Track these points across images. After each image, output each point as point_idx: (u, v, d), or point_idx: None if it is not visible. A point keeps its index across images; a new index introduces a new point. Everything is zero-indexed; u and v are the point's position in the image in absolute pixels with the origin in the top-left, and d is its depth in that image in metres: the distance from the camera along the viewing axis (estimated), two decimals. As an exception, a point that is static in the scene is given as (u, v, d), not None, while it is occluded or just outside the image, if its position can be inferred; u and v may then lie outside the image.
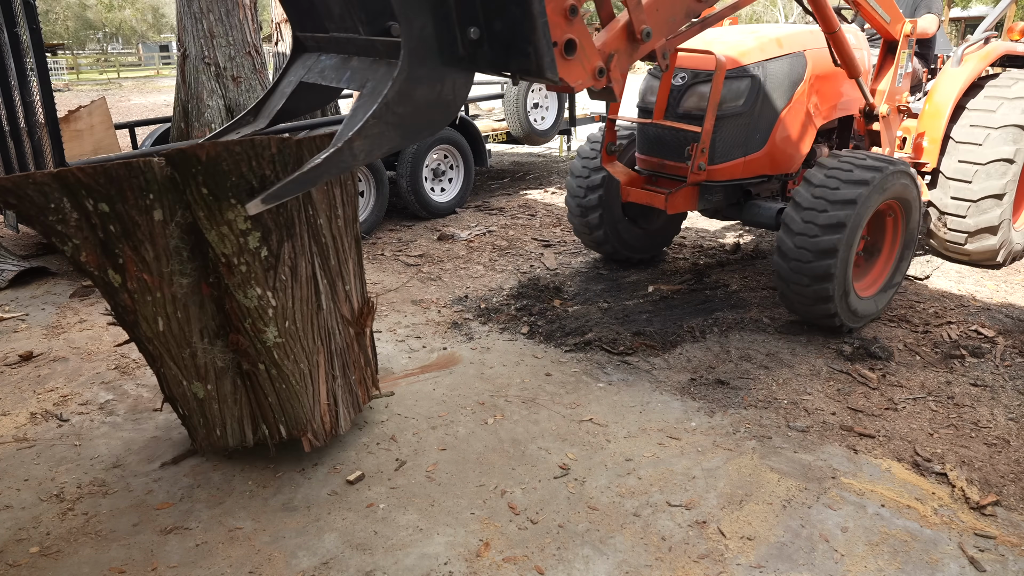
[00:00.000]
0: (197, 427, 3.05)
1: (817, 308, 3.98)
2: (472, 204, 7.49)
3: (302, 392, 2.91)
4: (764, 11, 43.81)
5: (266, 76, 7.05)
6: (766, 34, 4.41)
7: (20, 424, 3.44)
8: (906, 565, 2.46)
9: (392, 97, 2.16)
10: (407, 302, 4.86)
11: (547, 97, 8.28)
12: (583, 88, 2.48)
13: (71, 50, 50.70)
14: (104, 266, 2.63)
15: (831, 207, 3.82)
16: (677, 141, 4.33)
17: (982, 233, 5.05)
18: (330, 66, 2.72)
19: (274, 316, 2.72)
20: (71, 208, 2.52)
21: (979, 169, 4.91)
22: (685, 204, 4.47)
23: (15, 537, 2.66)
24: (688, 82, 4.31)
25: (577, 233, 5.34)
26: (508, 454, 3.12)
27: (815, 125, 4.52)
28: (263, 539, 2.63)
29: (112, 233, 2.56)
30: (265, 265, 2.64)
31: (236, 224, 2.54)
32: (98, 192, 2.49)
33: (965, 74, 5.11)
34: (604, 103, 3.62)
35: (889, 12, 4.53)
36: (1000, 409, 3.42)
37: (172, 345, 2.80)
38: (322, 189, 2.83)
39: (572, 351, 4.07)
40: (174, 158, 2.46)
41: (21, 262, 5.50)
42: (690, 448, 3.14)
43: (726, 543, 2.57)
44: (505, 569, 2.47)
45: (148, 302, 2.70)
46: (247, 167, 2.45)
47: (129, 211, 2.54)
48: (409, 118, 2.23)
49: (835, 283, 3.86)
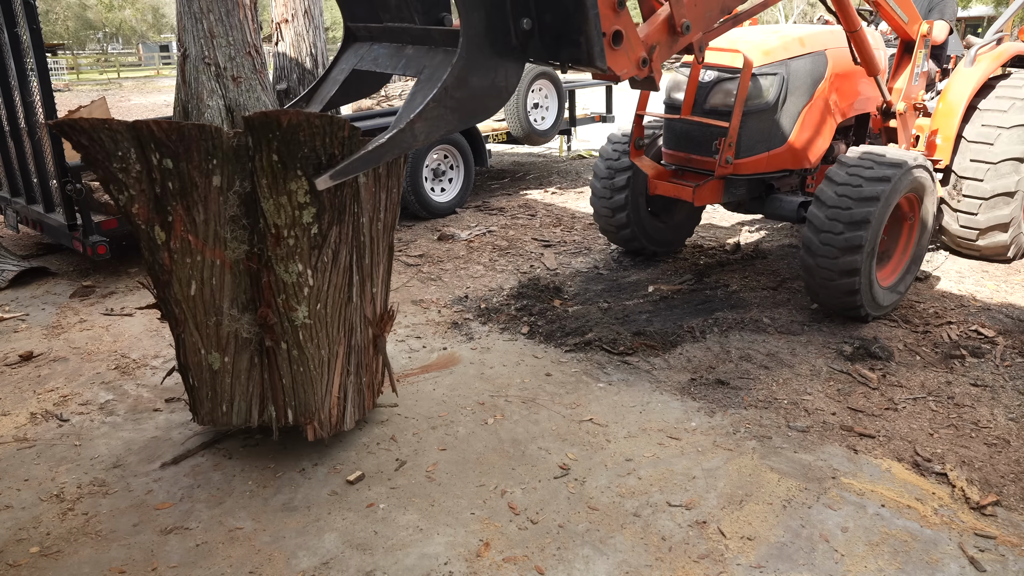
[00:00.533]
0: (203, 399, 3.02)
1: (844, 300, 4.17)
2: (472, 204, 7.48)
3: (317, 379, 2.93)
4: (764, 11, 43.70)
5: (266, 76, 7.05)
6: (789, 33, 4.59)
7: (20, 424, 3.44)
8: (906, 565, 2.46)
9: (451, 82, 2.31)
10: (407, 302, 4.86)
11: (547, 97, 8.28)
12: (628, 77, 2.65)
13: (71, 50, 50.70)
14: (152, 221, 2.70)
15: (855, 204, 3.97)
16: (704, 136, 4.51)
17: (993, 230, 5.14)
18: (384, 54, 2.86)
19: (308, 296, 2.77)
20: (136, 159, 2.59)
21: (991, 168, 5.01)
22: (711, 197, 4.64)
23: (15, 537, 2.66)
24: (715, 79, 4.47)
25: (604, 231, 5.53)
26: (508, 454, 3.12)
27: (835, 122, 4.69)
28: (263, 539, 2.63)
29: (169, 190, 2.63)
30: (313, 243, 2.69)
31: (297, 196, 2.58)
32: (167, 148, 2.56)
33: (978, 74, 5.21)
34: (639, 91, 3.87)
35: (907, 13, 4.65)
36: (1000, 409, 3.42)
37: (200, 311, 2.83)
38: (370, 189, 2.88)
39: (572, 351, 4.07)
40: (253, 121, 2.50)
41: (21, 262, 5.50)
42: (690, 448, 3.14)
43: (726, 543, 2.57)
44: (505, 569, 2.47)
45: (187, 264, 2.75)
46: (321, 142, 2.48)
47: (191, 171, 2.60)
48: (466, 102, 2.38)
49: (861, 277, 4.03)
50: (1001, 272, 5.23)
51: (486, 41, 2.35)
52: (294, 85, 8.42)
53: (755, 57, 4.33)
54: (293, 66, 8.40)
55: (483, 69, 2.38)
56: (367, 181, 2.85)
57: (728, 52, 4.39)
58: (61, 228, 5.10)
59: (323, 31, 8.65)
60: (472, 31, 2.31)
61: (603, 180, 5.26)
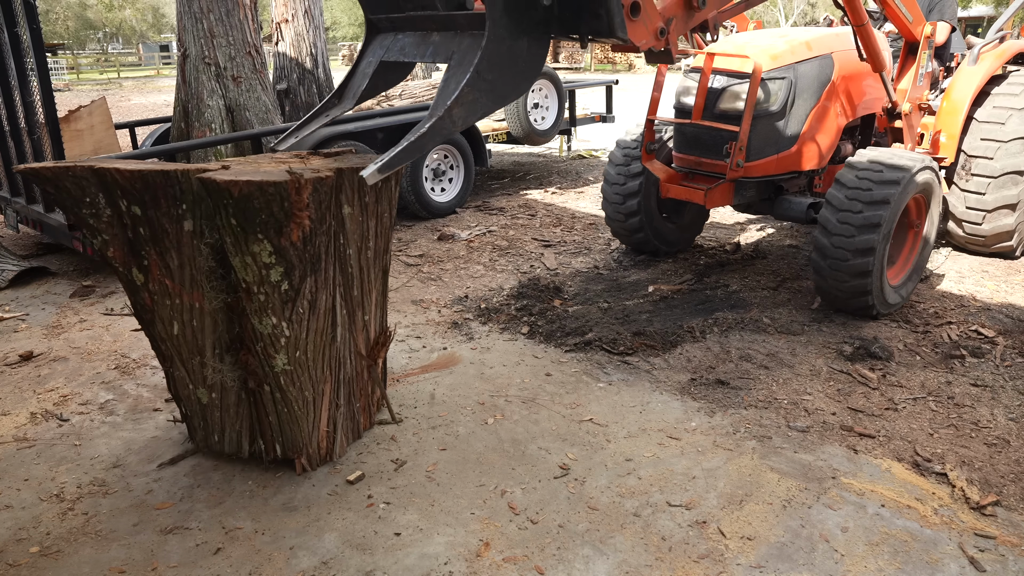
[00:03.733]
0: (197, 428, 3.07)
1: (856, 301, 4.23)
2: (472, 204, 7.48)
3: (303, 418, 2.88)
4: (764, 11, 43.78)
5: (266, 76, 7.05)
6: (796, 37, 4.65)
7: (20, 424, 3.44)
8: (906, 565, 2.46)
9: (482, 66, 2.34)
10: (407, 302, 4.86)
11: (547, 97, 8.28)
12: (647, 48, 2.72)
13: (71, 50, 50.70)
14: (129, 264, 2.65)
15: (866, 208, 4.03)
16: (714, 140, 4.57)
17: (1000, 210, 5.16)
18: (410, 43, 2.86)
19: (286, 345, 2.70)
20: (105, 204, 2.54)
21: (1001, 147, 5.06)
22: (722, 199, 4.71)
23: (15, 537, 2.66)
24: (725, 84, 4.54)
25: (616, 235, 5.63)
26: (508, 454, 3.12)
27: (841, 123, 4.76)
28: (263, 539, 2.63)
29: (141, 235, 2.58)
30: (284, 298, 2.61)
31: (260, 257, 2.52)
32: (132, 195, 2.50)
33: (981, 72, 5.25)
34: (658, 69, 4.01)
35: (912, 13, 4.68)
36: (1000, 409, 3.42)
37: (184, 350, 2.81)
38: (357, 219, 2.82)
39: (572, 351, 4.07)
40: (207, 186, 2.45)
41: (21, 262, 5.50)
42: (690, 448, 3.14)
43: (726, 543, 2.57)
44: (505, 569, 2.47)
45: (167, 306, 2.71)
46: (278, 207, 2.42)
47: (160, 218, 2.55)
48: (499, 83, 2.41)
49: (872, 278, 4.10)
50: (1001, 272, 5.23)
51: (511, 20, 2.38)
52: (294, 85, 8.42)
53: (763, 62, 4.39)
54: (293, 66, 8.40)
55: (511, 48, 2.41)
56: (353, 211, 2.79)
57: (737, 57, 4.46)
58: (61, 228, 5.10)
59: (323, 31, 8.65)
60: (497, 12, 2.33)
61: (615, 185, 5.31)
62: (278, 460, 3.02)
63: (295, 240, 2.49)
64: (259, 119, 6.79)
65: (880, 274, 4.14)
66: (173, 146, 6.00)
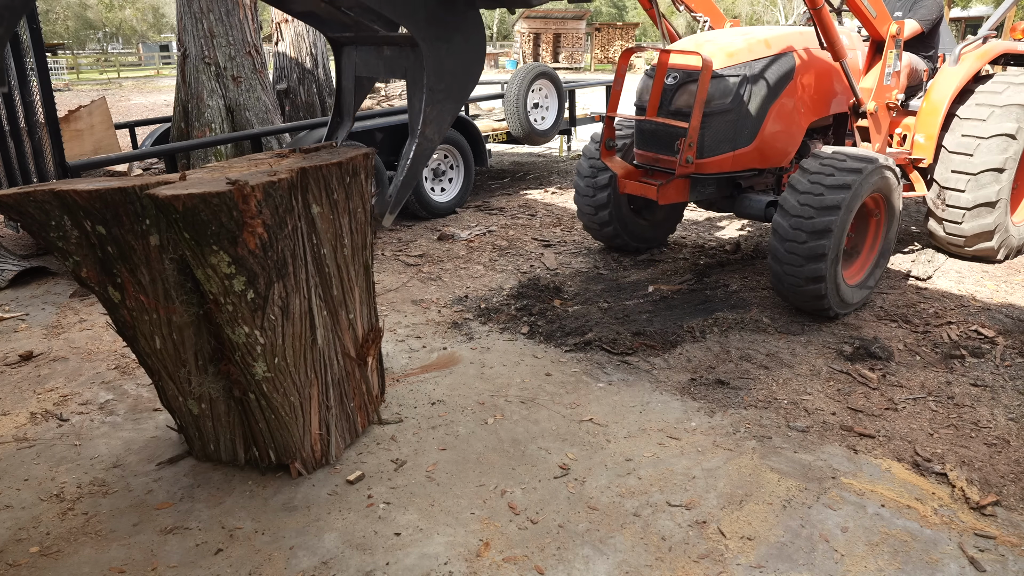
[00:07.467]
0: (193, 439, 3.07)
1: (812, 304, 4.22)
2: (472, 204, 7.48)
3: (292, 423, 2.86)
4: (764, 11, 43.72)
5: (266, 76, 7.06)
6: (756, 36, 4.63)
7: (20, 424, 3.44)
8: (906, 565, 2.46)
9: (431, 81, 2.49)
10: (407, 302, 4.86)
11: (547, 97, 8.28)
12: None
13: (71, 50, 50.69)
14: (104, 283, 2.64)
15: (817, 214, 4.02)
16: (669, 136, 4.60)
17: (979, 238, 5.14)
18: (370, 59, 3.05)
19: (263, 352, 2.66)
20: (72, 226, 2.52)
21: (971, 179, 5.02)
22: (677, 195, 4.70)
23: (15, 537, 2.66)
24: (679, 81, 4.55)
25: (587, 229, 5.64)
26: (508, 454, 3.12)
27: (805, 122, 4.74)
28: (263, 539, 2.63)
29: (110, 254, 2.56)
30: (252, 306, 2.57)
31: (220, 268, 2.47)
32: (94, 215, 2.48)
33: (961, 73, 5.22)
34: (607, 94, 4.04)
35: (876, 9, 4.65)
36: (1000, 409, 3.42)
37: (168, 363, 2.80)
38: (328, 218, 2.79)
39: (572, 351, 4.07)
40: (155, 203, 2.41)
41: (21, 262, 5.50)
42: (690, 448, 3.14)
43: (726, 543, 2.57)
44: (505, 569, 2.47)
45: (146, 321, 2.70)
46: (227, 217, 2.36)
47: (125, 235, 2.53)
48: (453, 86, 2.57)
49: (827, 283, 4.09)
50: (1001, 272, 5.23)
51: (438, 28, 2.47)
52: (294, 85, 8.42)
53: (718, 59, 4.39)
54: (293, 66, 8.40)
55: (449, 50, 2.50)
56: (323, 210, 2.75)
57: (692, 55, 4.45)
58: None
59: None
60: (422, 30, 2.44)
61: (586, 179, 5.36)
62: (274, 466, 3.02)
63: (253, 248, 2.45)
64: (259, 119, 6.80)
65: (835, 277, 4.13)
66: (173, 146, 6.01)
